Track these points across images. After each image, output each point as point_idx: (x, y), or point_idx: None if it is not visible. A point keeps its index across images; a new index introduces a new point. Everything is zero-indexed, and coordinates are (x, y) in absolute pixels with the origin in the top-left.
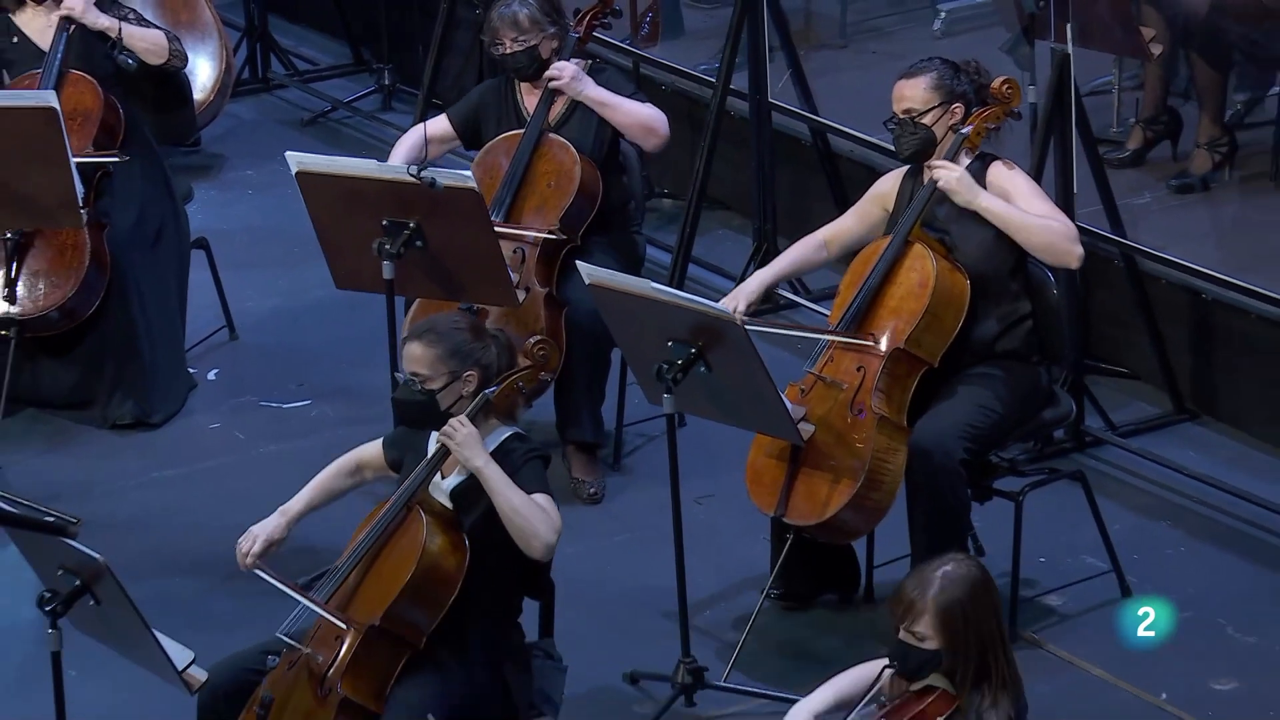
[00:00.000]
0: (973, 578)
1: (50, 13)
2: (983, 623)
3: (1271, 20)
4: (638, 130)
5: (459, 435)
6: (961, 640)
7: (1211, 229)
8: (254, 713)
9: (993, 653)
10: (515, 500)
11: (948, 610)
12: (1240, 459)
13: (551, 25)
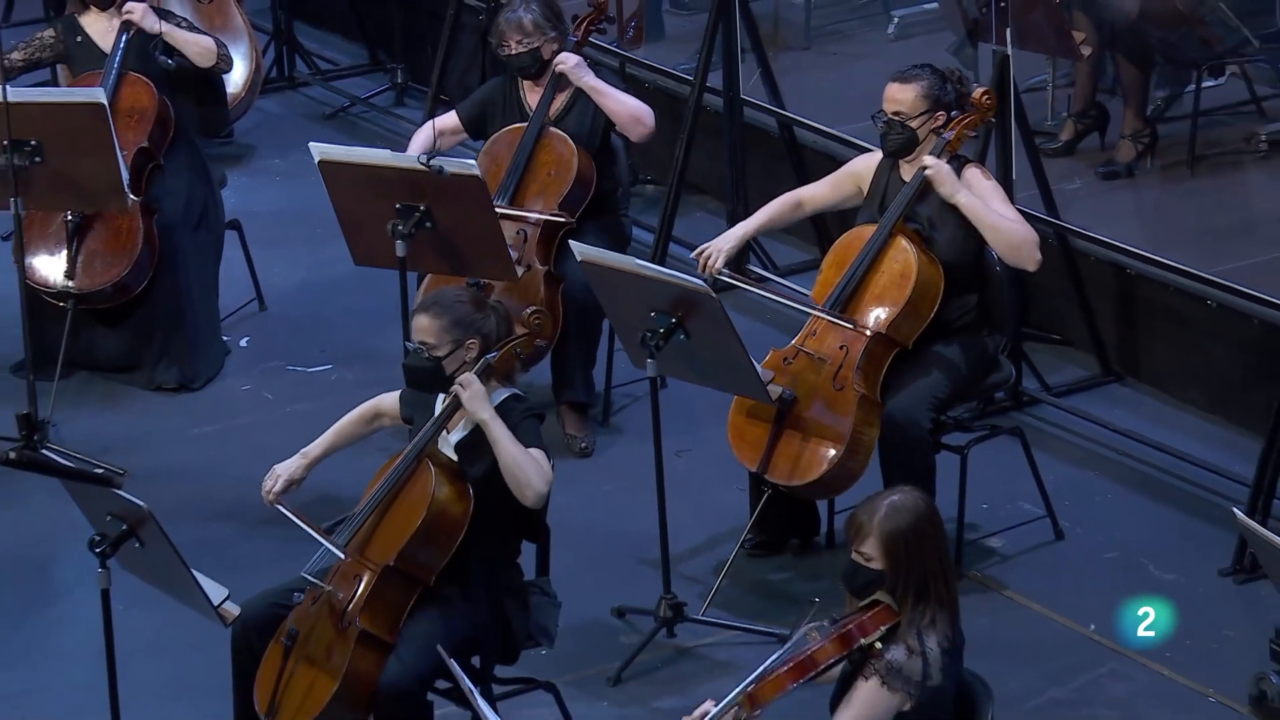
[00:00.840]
0: (917, 507)
1: (112, 18)
2: (924, 548)
3: (1187, 26)
4: (627, 119)
5: (469, 390)
6: (903, 562)
7: (1135, 211)
8: (281, 644)
9: (933, 576)
10: (514, 451)
11: (891, 534)
12: (1160, 416)
13: (552, 30)
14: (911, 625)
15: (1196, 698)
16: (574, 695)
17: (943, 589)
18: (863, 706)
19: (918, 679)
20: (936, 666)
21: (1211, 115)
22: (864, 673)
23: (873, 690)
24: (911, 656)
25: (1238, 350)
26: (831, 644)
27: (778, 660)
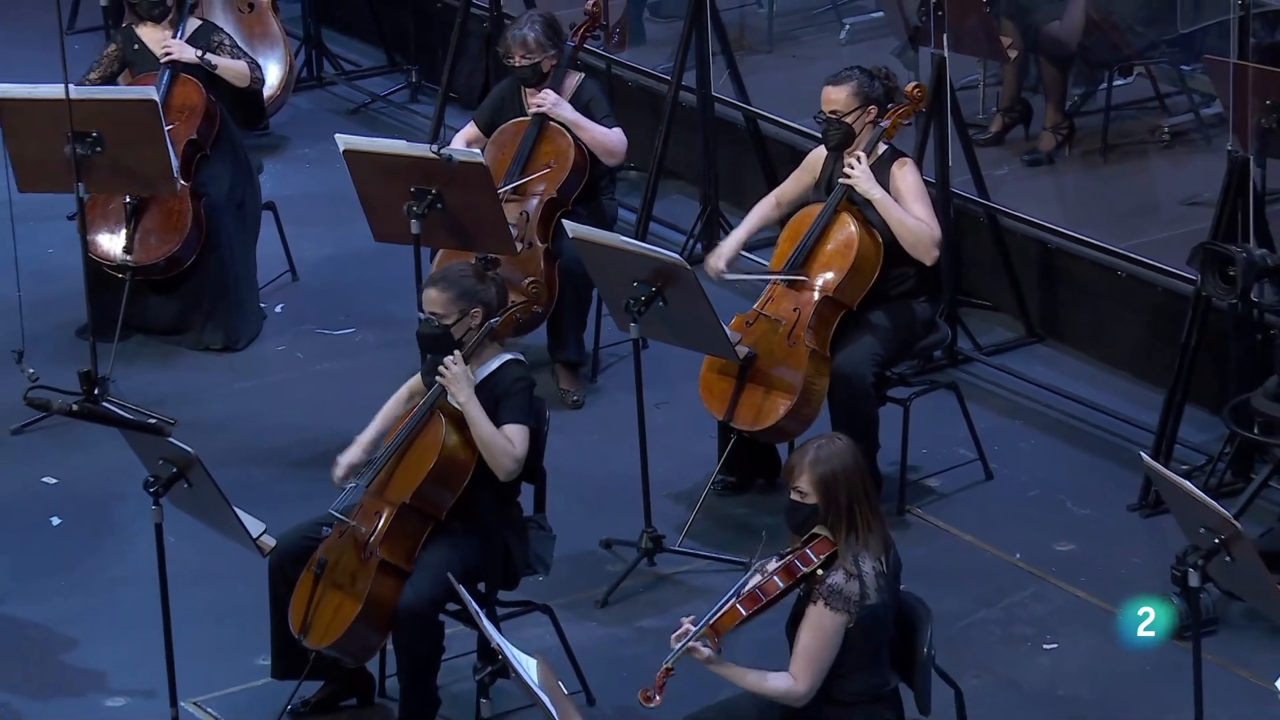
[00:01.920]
0: (842, 449)
1: (164, 32)
2: (850, 483)
3: (1099, 32)
4: (601, 151)
5: (450, 373)
6: (833, 495)
7: (1055, 194)
8: (311, 572)
9: (859, 508)
10: (484, 432)
11: (820, 471)
12: (1077, 372)
13: (552, 47)
14: (847, 551)
15: (1108, 617)
16: (567, 616)
17: (870, 517)
18: (813, 629)
19: (857, 598)
20: (873, 586)
21: (1121, 110)
22: (811, 599)
23: (819, 613)
24: (850, 579)
25: (1144, 315)
26: (779, 576)
27: (733, 594)
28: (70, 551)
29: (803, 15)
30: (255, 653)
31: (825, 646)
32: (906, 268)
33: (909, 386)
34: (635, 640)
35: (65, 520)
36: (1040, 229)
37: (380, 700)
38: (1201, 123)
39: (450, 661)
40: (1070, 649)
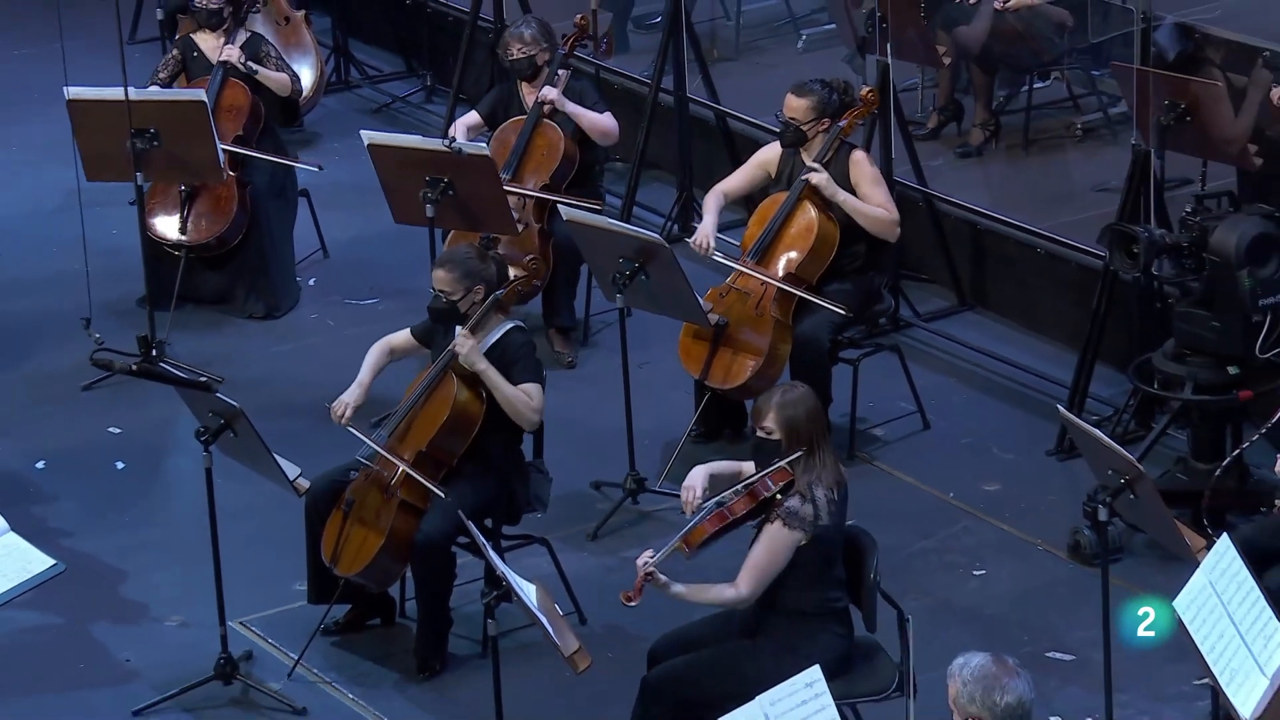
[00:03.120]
0: (803, 395)
1: (219, 39)
2: (809, 423)
3: (1022, 42)
4: (598, 134)
5: (464, 347)
6: (794, 432)
7: (983, 181)
8: (341, 510)
9: (816, 444)
10: (507, 392)
11: (786, 413)
12: (1002, 335)
13: (545, 43)
14: (804, 479)
15: (1029, 547)
16: (562, 548)
17: (825, 454)
18: (769, 541)
19: (810, 519)
20: (824, 510)
21: (1040, 109)
22: (769, 518)
23: (776, 529)
24: (804, 503)
25: (1060, 286)
26: (744, 499)
27: (704, 514)
28: (132, 492)
29: (765, 27)
30: (293, 579)
31: (773, 559)
32: (858, 246)
33: (858, 349)
34: (621, 568)
35: (128, 465)
36: (971, 212)
37: (400, 620)
38: (1109, 120)
39: (461, 587)
40: (996, 575)
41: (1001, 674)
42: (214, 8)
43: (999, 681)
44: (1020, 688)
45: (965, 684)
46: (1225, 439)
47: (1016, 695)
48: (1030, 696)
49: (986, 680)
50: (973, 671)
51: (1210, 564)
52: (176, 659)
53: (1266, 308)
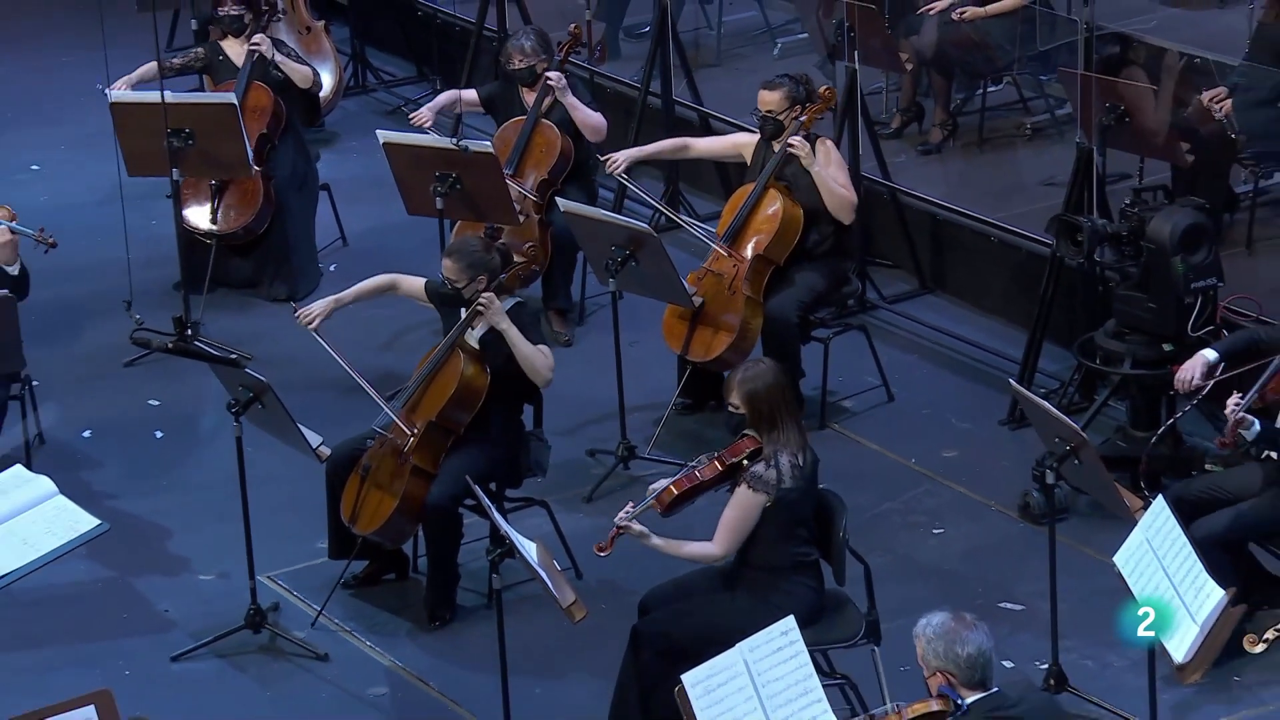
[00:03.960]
0: (763, 370)
1: (243, 44)
2: (770, 396)
3: (976, 50)
4: (589, 130)
5: (491, 307)
6: (755, 405)
7: (942, 176)
8: (358, 474)
9: (780, 417)
10: (527, 349)
11: (746, 388)
12: (959, 317)
13: (544, 54)
14: (769, 448)
15: (983, 508)
16: (560, 509)
17: (787, 422)
18: (736, 504)
19: (774, 483)
20: (787, 474)
21: (993, 111)
22: (738, 483)
23: (743, 492)
24: (769, 469)
25: (1011, 271)
26: (712, 465)
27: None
28: (170, 459)
29: (744, 36)
30: (315, 538)
31: (742, 519)
32: (825, 229)
33: (828, 328)
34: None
35: (166, 434)
36: (931, 204)
37: (413, 575)
38: (1055, 121)
39: (468, 545)
40: (954, 533)
41: (960, 629)
42: (235, 14)
43: (959, 635)
44: (979, 639)
45: (929, 641)
46: (1160, 409)
47: (976, 646)
48: (989, 645)
49: (948, 636)
50: (935, 629)
51: (1147, 523)
52: (210, 610)
53: (1197, 290)
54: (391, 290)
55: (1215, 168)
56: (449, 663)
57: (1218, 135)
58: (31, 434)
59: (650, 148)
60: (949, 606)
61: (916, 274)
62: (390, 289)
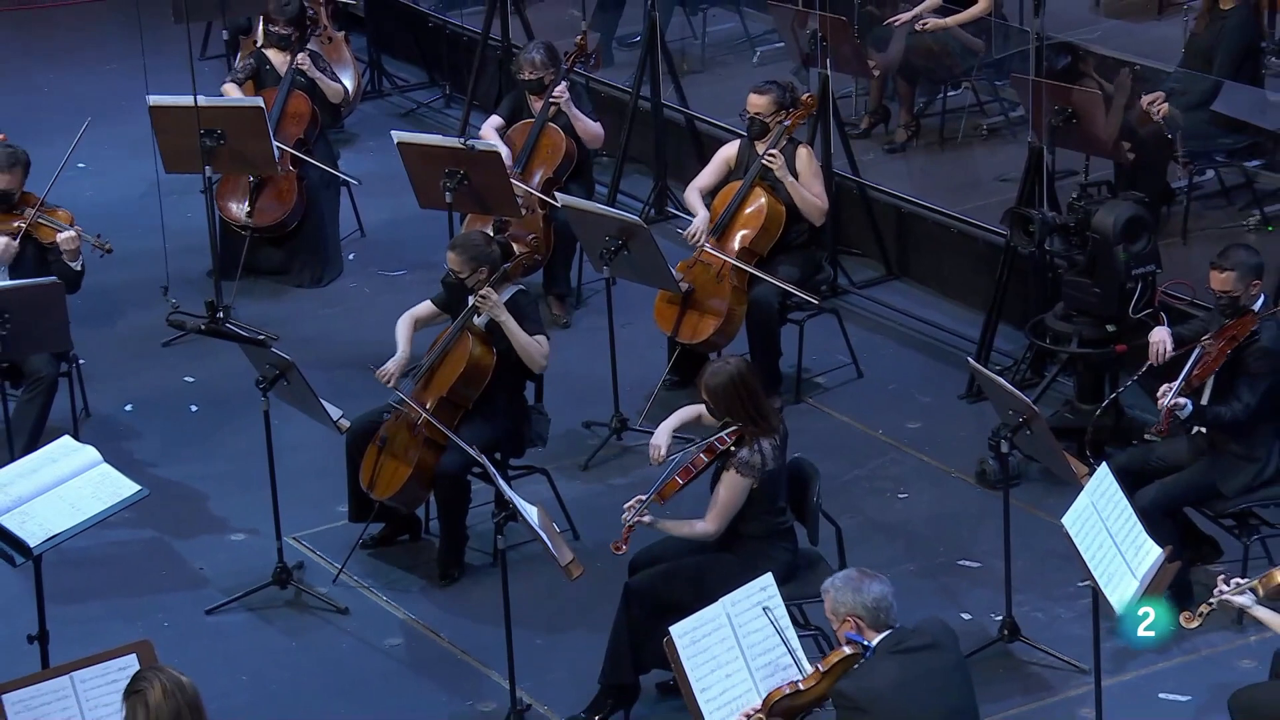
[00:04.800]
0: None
1: (285, 55)
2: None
3: (937, 58)
4: (588, 138)
5: (489, 301)
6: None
7: (906, 173)
8: (376, 445)
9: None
10: (523, 339)
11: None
12: (922, 300)
13: (552, 67)
14: (751, 435)
15: (943, 474)
16: (559, 476)
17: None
18: (727, 488)
19: (759, 466)
20: (770, 457)
21: (953, 113)
22: (725, 468)
23: (732, 477)
24: (753, 454)
25: (969, 259)
26: (704, 454)
27: (675, 468)
28: (203, 430)
29: (726, 45)
30: (336, 502)
31: (733, 500)
32: (802, 225)
33: (803, 311)
34: (608, 493)
35: (200, 408)
36: (896, 198)
37: (426, 537)
38: (1009, 122)
39: (475, 509)
40: (917, 498)
41: (863, 579)
42: (284, 33)
43: (862, 584)
44: (880, 586)
45: (838, 591)
46: (1104, 384)
47: (878, 592)
48: (889, 591)
49: (852, 583)
50: (840, 581)
51: (1092, 488)
52: (241, 567)
53: (1138, 276)
54: (418, 325)
55: (1154, 165)
56: (458, 616)
57: (1156, 135)
58: (79, 408)
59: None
60: (914, 565)
61: (883, 262)
62: (416, 325)
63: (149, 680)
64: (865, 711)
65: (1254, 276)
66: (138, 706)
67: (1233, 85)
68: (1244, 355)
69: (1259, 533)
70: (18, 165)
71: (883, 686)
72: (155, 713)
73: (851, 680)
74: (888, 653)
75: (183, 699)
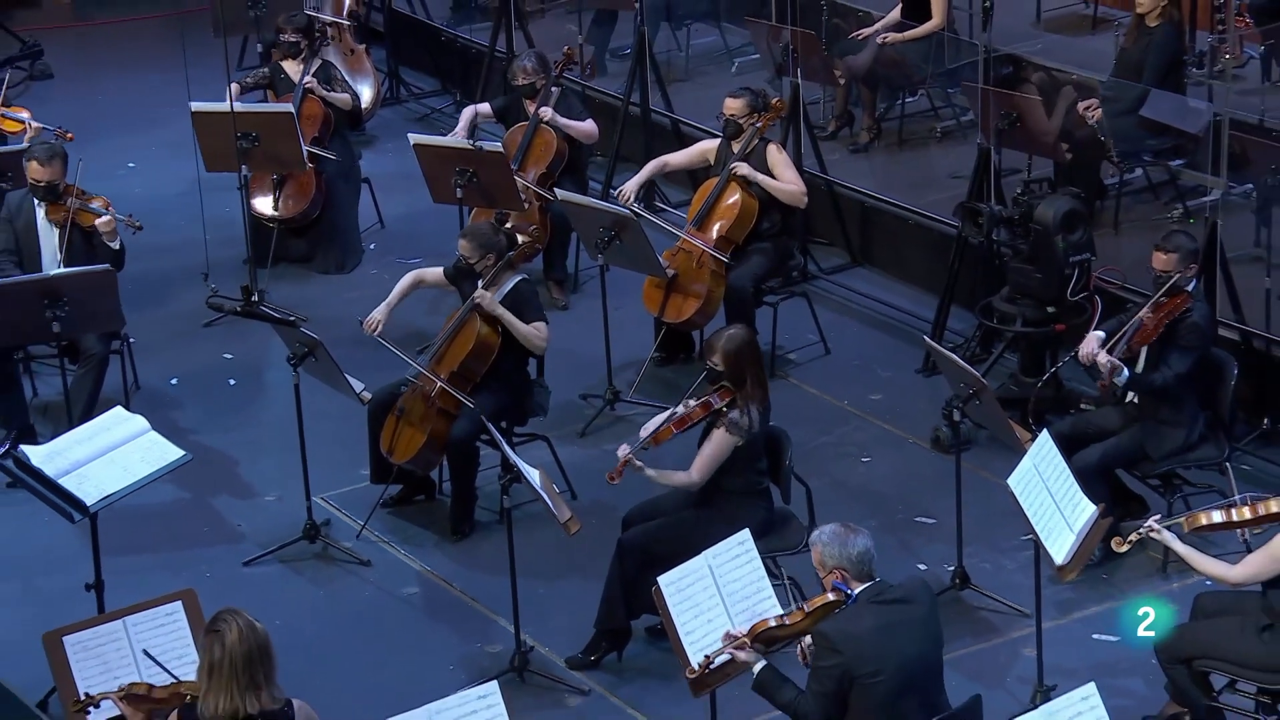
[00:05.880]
0: (741, 336)
1: (298, 65)
2: (745, 357)
3: (897, 67)
4: (582, 136)
5: (485, 300)
6: (732, 364)
7: (869, 171)
8: (394, 414)
9: (750, 374)
10: (521, 329)
11: (727, 349)
12: (883, 284)
13: (542, 72)
14: (742, 398)
15: (902, 440)
16: (558, 442)
17: (757, 378)
18: (714, 444)
19: (746, 428)
20: (756, 419)
21: (911, 117)
22: (715, 425)
23: (720, 435)
24: (742, 415)
25: (926, 248)
26: (699, 409)
27: (669, 417)
28: (240, 402)
29: (707, 56)
30: (359, 466)
31: (717, 456)
32: (775, 217)
33: (777, 294)
34: (603, 457)
35: (237, 382)
36: (860, 193)
37: (439, 497)
38: (961, 125)
39: (483, 472)
40: (879, 462)
41: (848, 533)
42: (293, 40)
43: (848, 538)
44: (864, 541)
45: (825, 545)
46: (1045, 360)
47: (862, 546)
48: (871, 545)
49: (839, 539)
50: (828, 535)
51: (1034, 452)
52: (274, 524)
53: (1075, 264)
54: (421, 284)
55: (1089, 164)
56: (468, 568)
57: (1090, 137)
58: (129, 381)
59: (641, 174)
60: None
61: (848, 250)
62: (419, 283)
63: (227, 622)
64: (839, 652)
65: (1192, 260)
66: (215, 644)
67: (1158, 93)
68: (1177, 329)
69: (1181, 491)
70: (56, 158)
71: (859, 632)
72: (230, 651)
73: (832, 623)
74: (867, 602)
75: (254, 641)
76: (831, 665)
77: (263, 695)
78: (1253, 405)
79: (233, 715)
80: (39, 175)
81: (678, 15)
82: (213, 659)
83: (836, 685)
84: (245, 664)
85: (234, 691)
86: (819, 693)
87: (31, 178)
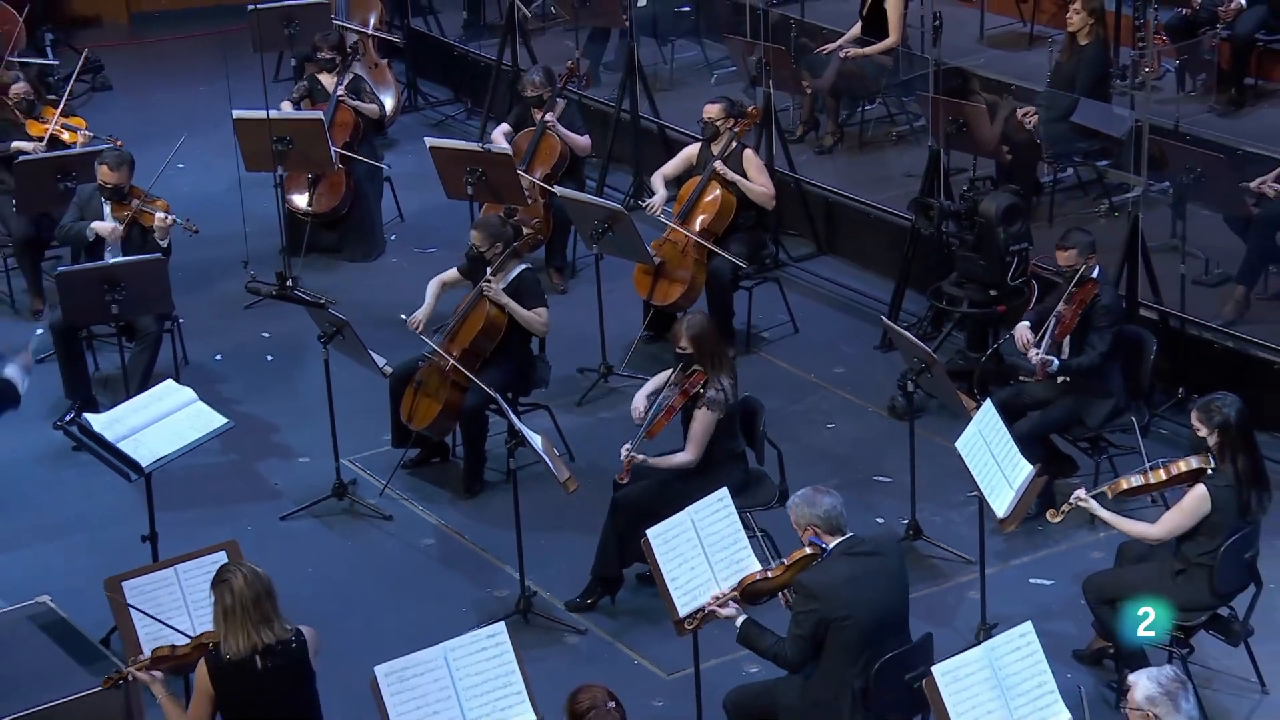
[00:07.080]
0: (700, 320)
1: (333, 77)
2: (708, 338)
3: (858, 79)
4: (576, 149)
5: (491, 288)
6: (699, 346)
7: (834, 170)
8: (413, 386)
9: (715, 351)
10: (523, 315)
11: (691, 334)
12: (846, 271)
13: (549, 85)
14: (714, 377)
15: (862, 408)
16: (559, 411)
17: (723, 356)
18: (700, 423)
19: (723, 402)
20: (729, 394)
21: (870, 123)
22: (697, 406)
23: (703, 414)
24: (718, 393)
25: (884, 238)
26: (679, 396)
27: (656, 411)
28: (278, 375)
29: (690, 68)
30: (381, 431)
31: (705, 432)
32: (751, 212)
33: (752, 280)
34: (598, 424)
35: (274, 358)
36: (825, 190)
37: (453, 459)
38: (914, 130)
39: (492, 437)
40: (842, 428)
41: (816, 494)
42: (329, 57)
43: (817, 498)
44: (832, 499)
45: (798, 506)
46: (988, 337)
47: (829, 502)
48: (838, 502)
49: (808, 499)
50: (799, 498)
51: (979, 419)
52: (307, 483)
53: (1014, 252)
54: (445, 286)
55: (1026, 164)
56: (479, 522)
57: (1028, 141)
58: (179, 357)
59: (659, 189)
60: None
61: (815, 241)
62: (444, 285)
63: (232, 572)
64: (816, 599)
65: (1090, 251)
66: (225, 592)
67: (1088, 102)
68: (1091, 314)
69: (1107, 452)
70: (124, 164)
71: (833, 581)
72: (240, 596)
73: (810, 574)
74: (841, 554)
75: (260, 586)
76: (809, 611)
77: (275, 627)
78: (1169, 376)
79: (252, 649)
80: (108, 178)
81: (663, 32)
82: (226, 605)
83: (813, 629)
84: (255, 603)
85: (250, 629)
86: (798, 635)
87: (101, 180)
